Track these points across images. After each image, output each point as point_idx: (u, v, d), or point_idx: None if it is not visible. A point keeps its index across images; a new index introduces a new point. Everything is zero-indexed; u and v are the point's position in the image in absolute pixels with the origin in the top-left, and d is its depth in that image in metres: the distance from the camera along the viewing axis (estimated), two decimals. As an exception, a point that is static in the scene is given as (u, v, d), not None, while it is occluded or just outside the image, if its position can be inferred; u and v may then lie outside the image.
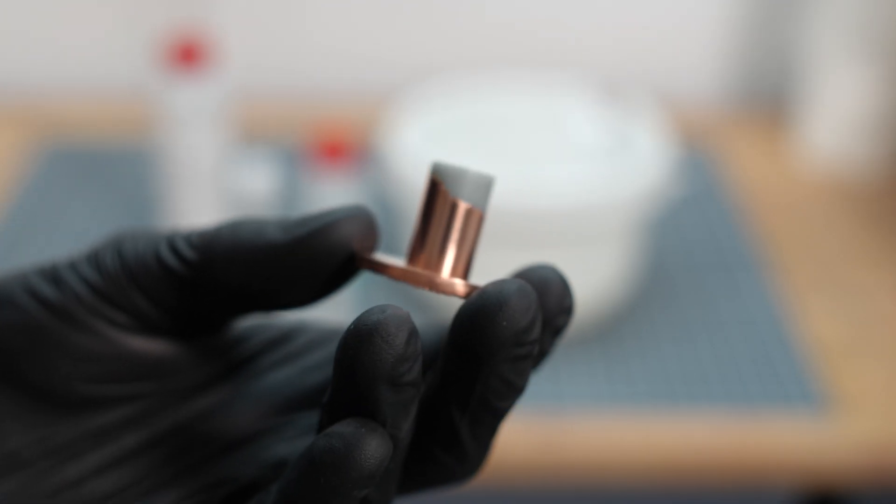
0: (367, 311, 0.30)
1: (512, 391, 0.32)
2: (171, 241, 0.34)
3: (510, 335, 0.31)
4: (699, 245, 1.22)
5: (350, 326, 0.30)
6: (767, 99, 1.51)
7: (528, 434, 0.99)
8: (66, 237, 1.21)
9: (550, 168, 1.16)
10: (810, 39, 1.36)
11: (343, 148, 1.09)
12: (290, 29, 1.46)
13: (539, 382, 1.03)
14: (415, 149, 1.06)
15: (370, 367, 0.30)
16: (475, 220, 0.34)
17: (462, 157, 1.15)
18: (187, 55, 1.12)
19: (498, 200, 1.00)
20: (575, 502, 1.58)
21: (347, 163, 1.10)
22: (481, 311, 0.31)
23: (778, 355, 1.07)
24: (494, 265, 1.04)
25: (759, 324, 1.11)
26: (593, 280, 1.05)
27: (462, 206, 0.34)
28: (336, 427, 0.30)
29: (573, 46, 1.47)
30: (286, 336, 0.38)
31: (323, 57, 1.47)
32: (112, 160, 1.34)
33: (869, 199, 1.30)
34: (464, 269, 0.34)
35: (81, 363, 0.34)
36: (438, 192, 0.34)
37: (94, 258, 0.35)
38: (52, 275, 0.34)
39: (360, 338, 0.30)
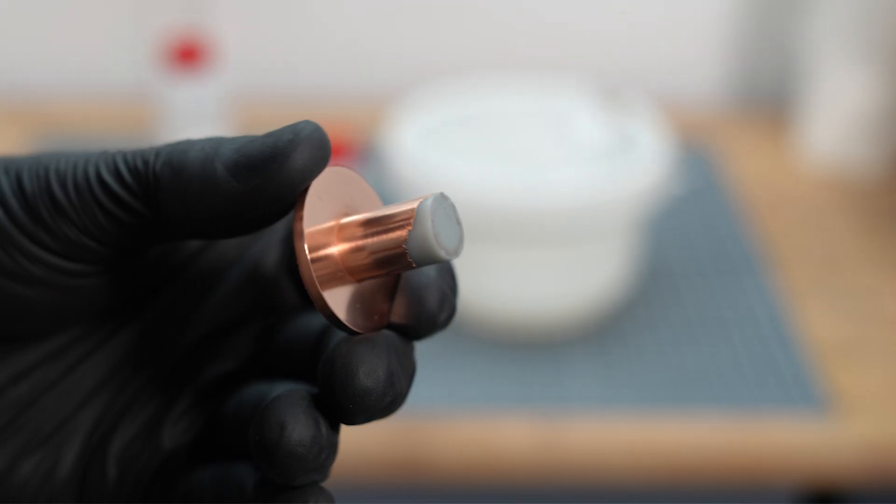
0: (267, 420, 0.31)
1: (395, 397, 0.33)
2: (106, 186, 0.32)
3: (361, 412, 0.31)
4: (699, 245, 1.22)
5: (255, 437, 0.31)
6: (767, 99, 1.51)
7: (529, 434, 0.99)
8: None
9: (551, 168, 1.16)
10: (810, 39, 1.36)
11: (343, 147, 1.09)
12: (290, 29, 1.46)
13: (539, 382, 1.03)
14: (415, 149, 1.06)
15: (287, 474, 0.31)
16: (404, 267, 0.32)
17: (462, 156, 1.15)
18: (187, 55, 1.12)
19: (498, 200, 1.00)
20: (575, 502, 1.58)
21: (347, 163, 1.10)
22: (328, 389, 0.31)
23: (777, 355, 1.07)
24: (496, 264, 1.04)
25: (760, 324, 1.10)
26: (593, 279, 1.05)
27: (410, 265, 0.31)
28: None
29: (573, 47, 1.47)
30: (194, 256, 0.36)
31: (324, 57, 1.47)
32: (112, 160, 1.34)
33: (869, 199, 1.30)
34: (361, 278, 0.32)
35: (23, 306, 0.33)
36: (400, 240, 0.31)
37: (26, 204, 0.33)
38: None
39: (267, 454, 0.31)
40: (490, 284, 1.05)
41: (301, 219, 0.31)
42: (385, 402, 0.31)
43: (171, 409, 0.35)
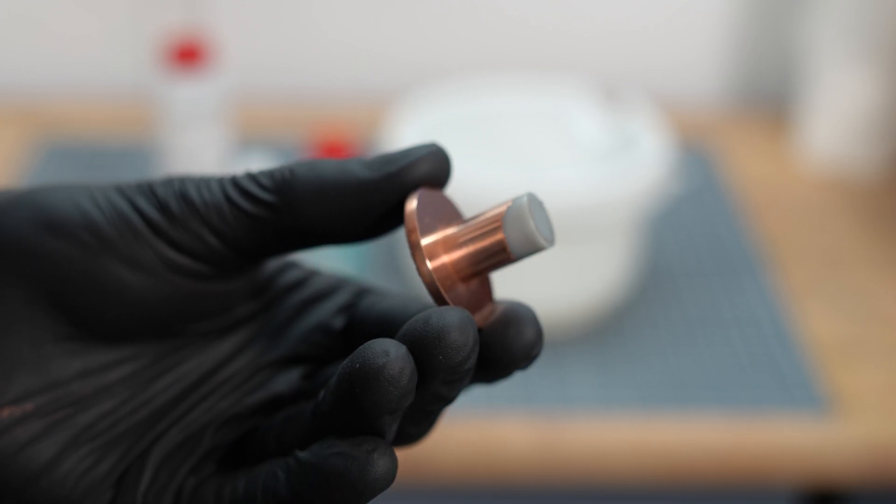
0: (371, 349, 0.32)
1: (443, 401, 0.34)
2: (239, 185, 0.35)
3: (444, 368, 0.33)
4: (699, 245, 1.22)
5: (355, 364, 0.32)
6: (767, 99, 1.51)
7: (528, 433, 0.99)
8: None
9: (551, 167, 1.16)
10: (810, 39, 1.36)
11: (343, 148, 1.09)
12: (290, 29, 1.46)
13: (539, 381, 1.03)
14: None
15: (377, 404, 0.32)
16: (503, 263, 0.35)
17: (462, 156, 1.15)
18: (187, 54, 1.12)
19: (498, 200, 1.00)
20: (575, 502, 1.58)
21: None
22: (420, 341, 0.33)
23: (777, 355, 1.07)
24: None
25: (760, 324, 1.10)
26: (593, 279, 1.05)
27: (510, 258, 0.35)
28: (348, 448, 0.32)
29: (574, 48, 1.47)
30: (303, 281, 0.39)
31: (324, 57, 1.47)
32: (112, 159, 1.34)
33: (869, 198, 1.30)
34: (466, 276, 0.35)
35: (133, 300, 0.35)
36: (500, 239, 0.34)
37: (157, 204, 0.35)
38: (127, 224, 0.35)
39: (366, 378, 0.32)
40: (490, 284, 1.05)
41: (415, 230, 0.34)
42: (469, 364, 0.33)
43: (219, 416, 0.37)
